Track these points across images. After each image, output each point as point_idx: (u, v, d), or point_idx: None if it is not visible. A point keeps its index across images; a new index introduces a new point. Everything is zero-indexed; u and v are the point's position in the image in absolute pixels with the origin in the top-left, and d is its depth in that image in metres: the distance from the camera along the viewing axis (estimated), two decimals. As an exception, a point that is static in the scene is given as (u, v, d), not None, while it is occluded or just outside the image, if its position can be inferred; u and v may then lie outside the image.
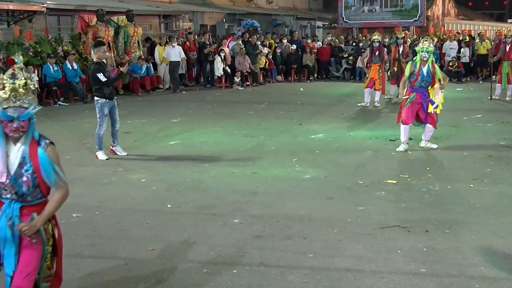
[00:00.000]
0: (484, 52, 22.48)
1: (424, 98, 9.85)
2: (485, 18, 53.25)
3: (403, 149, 9.99)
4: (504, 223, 6.21)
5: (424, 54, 9.78)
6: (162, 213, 6.80)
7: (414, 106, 9.83)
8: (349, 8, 29.39)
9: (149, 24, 25.64)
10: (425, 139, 10.18)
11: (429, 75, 9.76)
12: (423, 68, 9.76)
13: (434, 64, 9.89)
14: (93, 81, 9.87)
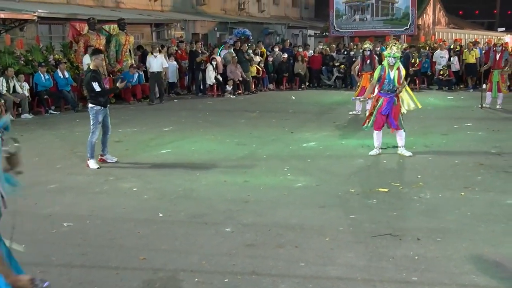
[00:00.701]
0: (472, 61, 22.63)
1: (390, 103, 9.98)
2: (476, 27, 53.55)
3: (375, 153, 10.31)
4: (495, 231, 6.23)
5: (391, 59, 10.01)
6: (154, 222, 6.77)
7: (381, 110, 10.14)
8: (341, 17, 29.50)
9: (141, 32, 25.66)
10: (401, 145, 10.26)
11: (395, 80, 9.96)
12: (390, 72, 9.97)
13: (401, 69, 10.14)
14: (88, 89, 9.99)
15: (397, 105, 10.12)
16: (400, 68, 10.15)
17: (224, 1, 35.62)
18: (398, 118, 10.11)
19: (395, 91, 10.05)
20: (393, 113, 10.10)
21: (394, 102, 10.09)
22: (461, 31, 42.17)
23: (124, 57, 19.87)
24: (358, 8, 29.37)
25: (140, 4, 27.74)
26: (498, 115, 15.48)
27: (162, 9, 29.44)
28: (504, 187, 8.05)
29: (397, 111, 10.11)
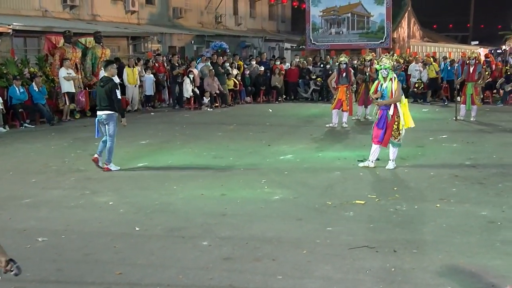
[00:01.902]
0: (433, 75, 22.94)
1: (384, 116, 10.05)
2: (449, 40, 54.34)
3: (362, 165, 10.41)
4: (470, 242, 6.29)
5: (383, 71, 10.06)
6: (130, 236, 6.72)
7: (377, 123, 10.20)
8: (317, 30, 29.72)
9: (117, 45, 25.61)
10: (390, 158, 10.31)
11: (388, 91, 9.97)
12: (383, 84, 10.02)
13: (393, 81, 10.11)
14: (108, 96, 10.33)
15: (391, 119, 10.08)
16: (393, 79, 10.15)
17: (201, 14, 35.71)
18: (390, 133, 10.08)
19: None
20: (386, 127, 10.12)
21: (387, 115, 10.13)
22: (436, 44, 42.74)
23: (100, 70, 19.74)
24: (334, 21, 29.64)
25: (116, 17, 27.70)
26: (472, 127, 15.68)
27: (139, 22, 29.43)
28: (478, 199, 8.14)
29: (390, 126, 10.10)
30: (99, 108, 10.55)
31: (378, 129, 10.19)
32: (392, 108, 10.08)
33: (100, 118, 10.49)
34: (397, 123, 10.10)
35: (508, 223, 6.93)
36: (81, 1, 25.35)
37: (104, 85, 10.45)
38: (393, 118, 10.09)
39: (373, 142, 10.33)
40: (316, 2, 29.50)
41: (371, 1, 28.78)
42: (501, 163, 10.59)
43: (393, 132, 10.09)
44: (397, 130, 10.11)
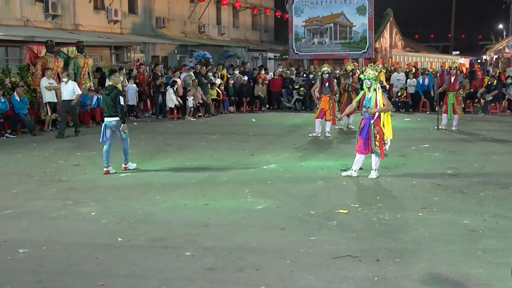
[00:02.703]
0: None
1: (366, 125, 10.15)
2: (431, 50, 54.93)
3: (345, 174, 10.48)
4: (452, 251, 6.32)
5: (367, 81, 10.11)
6: (112, 247, 6.67)
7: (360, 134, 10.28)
8: (300, 40, 29.84)
9: (100, 55, 25.53)
10: (373, 167, 10.36)
11: (372, 101, 10.04)
12: (368, 94, 10.09)
13: (377, 91, 10.16)
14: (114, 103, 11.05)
15: (375, 129, 10.13)
16: (377, 89, 10.21)
17: (184, 24, 35.74)
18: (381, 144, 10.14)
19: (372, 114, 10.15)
20: (369, 136, 10.18)
21: (370, 125, 10.17)
22: (417, 54, 43.19)
23: (82, 80, 19.65)
24: (317, 31, 29.78)
25: (99, 26, 27.63)
26: (454, 137, 15.81)
27: (122, 32, 29.38)
28: (460, 207, 8.19)
29: (377, 136, 10.14)
30: (108, 115, 11.18)
31: (361, 138, 10.25)
32: (375, 118, 10.13)
33: (109, 124, 11.17)
34: (382, 133, 10.16)
35: (489, 232, 6.98)
36: (64, 11, 25.26)
37: (110, 93, 11.13)
38: (378, 127, 10.15)
39: (357, 152, 10.38)
40: (299, 12, 29.63)
41: (354, 11, 28.98)
42: (483, 172, 10.69)
43: (376, 142, 10.14)
44: (382, 140, 10.16)
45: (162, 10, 33.20)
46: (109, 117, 11.15)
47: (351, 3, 29.02)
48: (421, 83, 23.28)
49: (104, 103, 11.38)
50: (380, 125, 10.15)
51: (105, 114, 11.32)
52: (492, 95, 21.94)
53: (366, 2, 28.63)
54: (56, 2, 24.48)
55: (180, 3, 34.92)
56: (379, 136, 10.15)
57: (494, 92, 21.96)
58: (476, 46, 56.59)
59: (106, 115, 11.27)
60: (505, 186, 9.45)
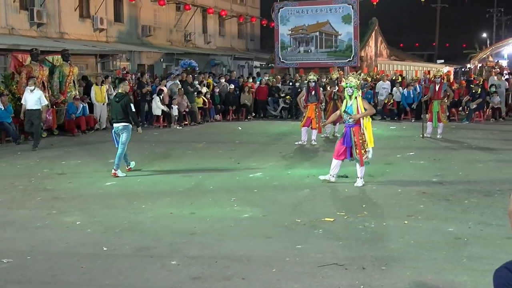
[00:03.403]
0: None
1: (348, 133, 10.25)
2: (416, 59, 55.28)
3: (323, 178, 10.57)
4: (437, 258, 6.35)
5: (349, 89, 10.20)
6: (98, 257, 6.63)
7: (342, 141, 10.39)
8: (286, 49, 29.93)
9: (85, 63, 25.44)
10: (358, 175, 10.40)
11: (354, 109, 10.17)
12: (349, 102, 10.16)
13: (359, 99, 10.27)
14: (125, 110, 11.58)
15: (356, 138, 10.20)
16: (358, 97, 10.29)
17: (170, 33, 35.76)
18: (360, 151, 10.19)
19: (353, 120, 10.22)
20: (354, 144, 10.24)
21: (350, 133, 10.24)
22: (402, 63, 43.44)
23: (68, 88, 19.59)
24: (302, 40, 29.89)
25: (84, 35, 27.57)
26: (439, 145, 15.91)
27: (107, 40, 29.33)
28: (445, 215, 8.24)
29: (357, 143, 10.21)
30: (115, 120, 11.72)
31: (342, 145, 10.34)
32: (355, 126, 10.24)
33: (117, 130, 11.68)
34: (361, 141, 10.23)
35: (474, 239, 7.03)
36: (49, 19, 25.18)
37: (120, 100, 11.64)
38: (357, 135, 10.23)
39: (333, 157, 10.48)
40: (284, 21, 29.74)
41: (339, 20, 29.13)
42: (467, 180, 10.76)
43: (356, 150, 10.22)
44: (362, 147, 10.23)
45: (148, 18, 33.21)
46: (117, 122, 11.68)
47: (336, 12, 29.17)
48: (406, 95, 23.41)
49: (113, 110, 11.86)
50: (358, 134, 10.23)
51: (114, 120, 11.84)
52: (476, 103, 22.13)
53: (352, 11, 28.80)
54: (41, 10, 24.42)
55: (166, 12, 34.93)
56: (358, 144, 10.22)
57: (478, 100, 22.16)
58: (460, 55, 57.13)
59: (114, 121, 11.79)
60: (489, 194, 9.52)
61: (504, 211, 8.19)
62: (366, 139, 10.26)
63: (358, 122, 10.25)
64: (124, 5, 31.31)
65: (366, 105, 10.35)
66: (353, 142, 10.24)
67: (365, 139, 10.25)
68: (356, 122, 10.25)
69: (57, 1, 25.87)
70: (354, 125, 10.25)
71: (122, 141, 11.63)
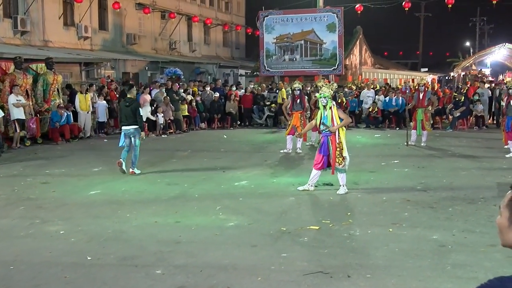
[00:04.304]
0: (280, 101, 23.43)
1: (325, 143, 10.31)
2: (400, 67, 55.67)
3: (301, 188, 10.61)
4: (422, 266, 6.37)
5: (323, 99, 10.31)
6: (82, 266, 6.57)
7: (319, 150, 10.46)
8: (271, 57, 30.02)
9: (69, 71, 25.33)
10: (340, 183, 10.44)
11: (328, 119, 10.26)
12: (324, 112, 10.24)
13: (333, 109, 10.39)
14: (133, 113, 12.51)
15: (333, 146, 10.26)
16: (333, 107, 10.36)
17: (155, 41, 35.71)
18: (335, 160, 10.25)
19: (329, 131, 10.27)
20: (330, 153, 10.29)
21: (328, 142, 10.29)
22: (387, 71, 43.73)
23: (52, 97, 19.48)
24: (287, 48, 30.01)
25: (69, 43, 27.46)
26: (423, 152, 16.00)
27: (92, 48, 29.22)
28: (430, 223, 8.28)
29: (333, 152, 10.27)
30: (126, 124, 12.60)
31: (320, 155, 10.40)
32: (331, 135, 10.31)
33: (127, 132, 12.58)
34: (339, 149, 10.28)
35: (458, 247, 7.06)
36: (33, 27, 25.04)
37: (130, 105, 12.61)
38: (334, 144, 10.29)
39: (313, 167, 10.52)
40: (269, 29, 29.84)
41: (324, 29, 29.29)
42: (451, 187, 10.83)
43: (336, 159, 10.26)
44: (340, 156, 10.28)
45: (133, 26, 33.15)
46: (128, 125, 12.56)
47: (321, 20, 29.33)
48: (387, 101, 23.55)
49: (123, 114, 12.84)
50: (335, 142, 10.30)
51: (124, 123, 12.71)
52: (460, 111, 22.32)
53: (336, 19, 28.98)
54: (25, 18, 24.29)
55: (151, 20, 34.90)
56: (334, 152, 10.29)
57: (462, 108, 22.35)
58: (444, 63, 57.62)
59: (124, 124, 12.66)
60: (473, 202, 9.58)
61: (488, 218, 8.27)
62: (344, 147, 10.32)
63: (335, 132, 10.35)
64: (109, 13, 31.23)
65: (342, 115, 10.50)
66: (330, 151, 10.31)
67: (342, 147, 10.31)
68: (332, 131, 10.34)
69: (41, 9, 25.74)
70: (330, 134, 10.35)
71: (136, 144, 12.60)
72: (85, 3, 27.65)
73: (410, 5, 30.05)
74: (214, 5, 44.99)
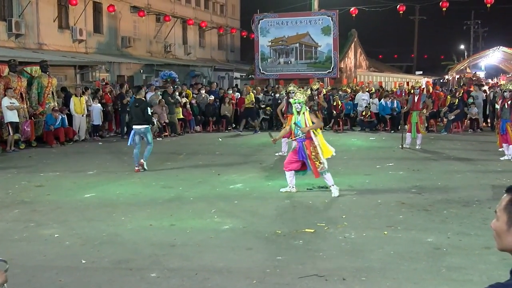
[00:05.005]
0: (250, 106, 23.41)
1: (301, 148, 10.47)
2: (395, 70, 55.79)
3: (284, 190, 10.73)
4: (417, 269, 6.38)
5: (297, 105, 10.41)
6: (76, 270, 6.55)
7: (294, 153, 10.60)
8: (266, 60, 30.06)
9: (64, 74, 25.28)
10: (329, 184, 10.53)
11: (302, 124, 10.44)
12: (298, 117, 10.31)
13: (306, 113, 10.51)
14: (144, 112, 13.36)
15: (308, 151, 10.38)
16: (306, 112, 10.52)
17: (150, 44, 35.70)
18: (314, 164, 10.33)
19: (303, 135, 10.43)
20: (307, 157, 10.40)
21: (303, 147, 10.41)
22: (381, 74, 43.83)
23: (46, 100, 19.44)
24: (282, 51, 30.06)
25: (63, 46, 27.41)
26: (418, 155, 16.03)
27: (87, 51, 29.19)
28: (424, 226, 8.28)
29: (309, 156, 10.37)
30: (137, 123, 13.37)
31: (293, 157, 10.59)
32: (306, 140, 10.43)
33: (138, 131, 13.35)
34: (314, 154, 10.34)
35: (453, 250, 7.07)
36: (27, 30, 25.00)
37: (139, 105, 13.38)
38: (309, 149, 10.39)
39: (284, 169, 10.73)
40: (264, 32, 29.89)
41: (319, 32, 29.35)
42: (446, 190, 10.84)
43: (315, 163, 10.34)
44: (316, 159, 10.33)
45: (128, 29, 33.13)
46: (138, 125, 13.33)
47: (316, 23, 29.40)
48: (384, 105, 23.59)
49: (134, 114, 13.60)
50: (310, 147, 10.39)
51: (135, 123, 13.45)
52: (454, 114, 22.36)
53: (331, 22, 29.05)
54: (19, 21, 24.24)
55: (146, 23, 34.90)
56: (310, 156, 10.37)
57: (456, 111, 22.39)
58: (438, 66, 57.82)
59: (135, 123, 13.41)
60: (468, 204, 9.60)
61: (483, 221, 8.28)
62: (319, 152, 10.38)
63: (309, 136, 10.43)
64: (104, 16, 31.22)
65: (314, 119, 10.62)
66: (306, 155, 10.37)
67: (317, 151, 10.36)
68: (307, 136, 10.43)
69: (36, 12, 25.70)
70: (305, 139, 10.45)
71: (149, 141, 13.46)
72: (80, 6, 27.63)
73: (404, 8, 30.19)
74: (209, 8, 45.05)
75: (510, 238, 2.22)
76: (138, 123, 13.34)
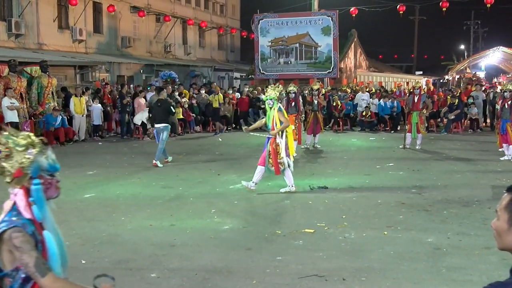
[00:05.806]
0: (216, 105, 23.39)
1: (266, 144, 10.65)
2: (395, 70, 55.80)
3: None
4: (417, 269, 6.38)
5: (269, 101, 10.47)
6: (76, 270, 6.52)
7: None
8: (266, 60, 30.06)
9: (64, 74, 25.28)
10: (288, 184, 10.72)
11: (269, 120, 10.60)
12: (269, 114, 10.38)
13: (276, 111, 10.58)
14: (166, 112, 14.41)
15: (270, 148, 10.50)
16: (275, 109, 10.57)
17: (150, 44, 35.69)
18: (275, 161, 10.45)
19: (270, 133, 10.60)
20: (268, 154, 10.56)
21: (267, 143, 10.57)
22: (381, 74, 43.84)
23: (46, 100, 19.43)
24: (282, 51, 30.07)
25: (63, 46, 27.40)
26: (418, 155, 16.02)
27: (87, 51, 29.18)
28: (424, 226, 8.28)
29: (270, 152, 10.51)
30: (158, 122, 14.36)
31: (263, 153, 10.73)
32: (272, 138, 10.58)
33: (158, 129, 14.28)
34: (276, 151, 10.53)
35: (453, 250, 7.07)
36: (27, 30, 24.99)
37: (161, 105, 14.45)
38: (272, 146, 10.53)
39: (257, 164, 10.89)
40: (264, 33, 29.89)
41: (319, 32, 29.36)
42: (446, 190, 10.84)
43: (270, 160, 10.56)
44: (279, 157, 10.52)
45: (128, 29, 33.12)
46: (159, 123, 14.27)
47: (316, 24, 29.40)
48: (383, 105, 23.60)
49: (156, 113, 14.57)
50: (273, 144, 10.50)
51: (156, 121, 14.41)
52: (454, 115, 22.36)
53: (331, 23, 29.05)
54: (19, 21, 24.23)
55: (146, 23, 34.89)
56: (272, 153, 10.48)
57: (456, 111, 22.38)
58: (438, 66, 57.79)
59: (156, 122, 14.38)
60: (468, 204, 9.59)
61: (483, 221, 8.27)
62: (280, 151, 10.49)
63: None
64: (104, 16, 31.21)
65: (282, 118, 10.61)
66: (267, 152, 10.51)
67: (279, 150, 10.46)
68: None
69: (36, 12, 25.69)
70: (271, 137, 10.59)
71: (163, 138, 14.10)
72: (80, 6, 27.61)
73: (404, 9, 30.18)
74: (209, 8, 45.05)
75: (510, 237, 2.23)
76: (159, 121, 14.30)
